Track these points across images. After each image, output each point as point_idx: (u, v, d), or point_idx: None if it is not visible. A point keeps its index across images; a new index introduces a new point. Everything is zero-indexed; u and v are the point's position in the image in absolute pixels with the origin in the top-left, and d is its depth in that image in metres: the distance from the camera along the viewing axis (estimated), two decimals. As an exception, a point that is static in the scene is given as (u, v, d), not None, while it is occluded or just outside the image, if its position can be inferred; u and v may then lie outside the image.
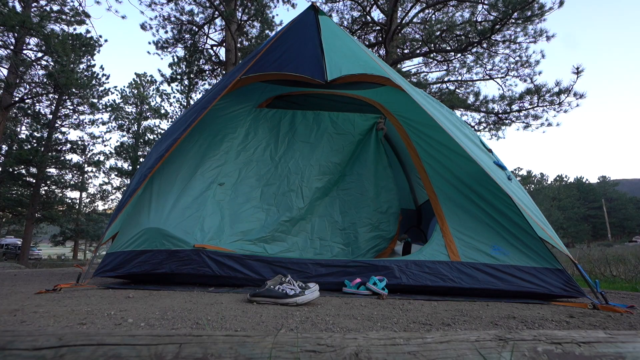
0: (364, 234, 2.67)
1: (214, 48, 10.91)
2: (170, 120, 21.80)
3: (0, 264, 6.91)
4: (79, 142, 20.53)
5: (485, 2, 8.36)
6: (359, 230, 2.69)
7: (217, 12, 9.37)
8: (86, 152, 21.63)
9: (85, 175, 23.63)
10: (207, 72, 11.58)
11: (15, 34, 11.38)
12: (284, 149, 2.86)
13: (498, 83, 9.71)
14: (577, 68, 7.24)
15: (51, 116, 18.58)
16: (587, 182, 54.75)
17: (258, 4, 9.68)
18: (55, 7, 12.90)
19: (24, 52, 12.69)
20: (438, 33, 8.93)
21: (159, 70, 24.17)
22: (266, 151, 2.84)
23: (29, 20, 10.14)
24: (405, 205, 4.17)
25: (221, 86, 2.41)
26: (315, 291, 1.55)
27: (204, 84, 12.42)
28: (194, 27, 10.38)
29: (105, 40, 16.81)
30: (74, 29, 14.47)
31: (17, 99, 13.93)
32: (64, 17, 12.94)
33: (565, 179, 55.61)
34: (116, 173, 23.87)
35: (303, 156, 2.87)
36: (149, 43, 10.58)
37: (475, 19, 8.94)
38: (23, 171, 17.71)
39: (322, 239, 2.64)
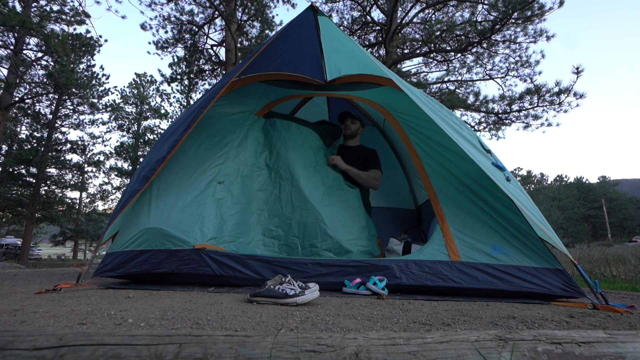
0: (355, 247, 2.63)
1: (214, 48, 10.92)
2: (170, 120, 21.82)
3: (0, 264, 6.91)
4: (79, 142, 20.56)
5: (485, 2, 8.37)
6: (351, 242, 2.64)
7: (217, 12, 9.38)
8: (86, 152, 21.65)
9: (85, 175, 23.64)
10: (207, 72, 11.59)
11: (15, 34, 11.39)
12: (275, 156, 2.85)
13: (498, 83, 9.72)
14: (577, 68, 7.24)
15: (51, 116, 18.60)
16: (587, 182, 54.81)
17: (258, 4, 9.68)
18: (55, 7, 12.91)
19: (24, 52, 12.69)
20: (438, 33, 8.93)
21: (159, 70, 24.15)
22: (262, 156, 2.83)
23: (29, 20, 10.15)
24: (405, 205, 4.18)
25: (219, 85, 2.41)
26: (315, 291, 1.55)
27: (204, 84, 12.43)
28: (194, 27, 10.39)
29: (105, 40, 16.83)
30: (74, 29, 14.48)
31: (17, 99, 13.93)
32: (64, 17, 12.94)
33: (565, 179, 55.69)
34: (116, 173, 23.88)
35: (296, 165, 2.85)
36: (149, 43, 10.58)
37: (475, 19, 8.94)
38: (23, 171, 17.72)
39: (313, 247, 2.61)
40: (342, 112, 3.23)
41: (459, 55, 9.57)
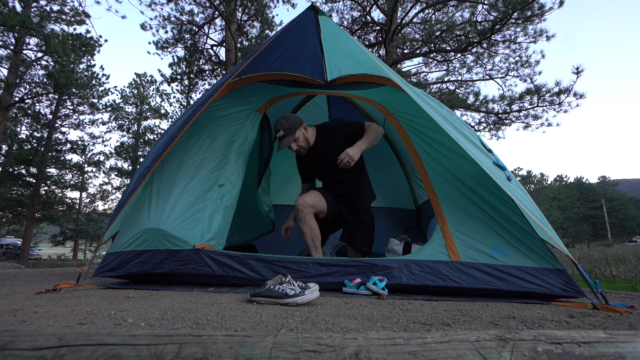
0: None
1: (214, 48, 10.93)
2: (170, 120, 21.83)
3: (0, 264, 6.91)
4: (79, 142, 20.58)
5: (485, 2, 8.37)
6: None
7: (217, 12, 9.38)
8: (86, 152, 21.67)
9: (85, 175, 23.65)
10: (207, 72, 11.60)
11: (15, 34, 11.39)
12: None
13: (498, 83, 9.72)
14: (577, 68, 7.24)
15: (51, 116, 18.61)
16: (587, 182, 54.81)
17: (258, 4, 9.69)
18: (55, 7, 12.92)
19: (24, 52, 12.70)
20: (438, 33, 8.93)
21: (159, 70, 24.17)
22: (262, 156, 2.84)
23: (29, 20, 10.15)
24: (405, 205, 4.18)
25: (218, 84, 2.41)
26: (315, 291, 1.55)
27: (204, 84, 12.45)
28: (194, 27, 10.39)
29: (105, 40, 16.84)
30: (74, 29, 14.50)
31: (17, 99, 13.93)
32: (64, 17, 12.95)
33: (565, 179, 55.72)
34: (116, 173, 23.89)
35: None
36: (149, 43, 10.59)
37: (475, 19, 8.95)
38: (23, 171, 17.73)
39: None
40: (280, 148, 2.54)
41: (459, 55, 9.57)
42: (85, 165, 22.55)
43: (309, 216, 2.35)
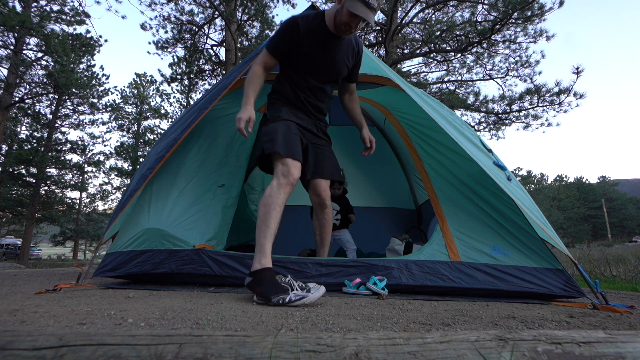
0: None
1: (214, 48, 10.94)
2: (170, 120, 21.84)
3: (0, 264, 6.91)
4: (79, 142, 20.61)
5: (485, 2, 8.37)
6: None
7: (217, 12, 9.39)
8: (86, 152, 21.69)
9: (85, 175, 23.67)
10: (207, 72, 11.60)
11: (15, 34, 11.40)
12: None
13: (498, 83, 9.73)
14: (577, 68, 7.25)
15: (51, 116, 18.62)
16: (587, 182, 54.87)
17: (258, 4, 9.69)
18: (55, 7, 12.93)
19: (24, 52, 12.71)
20: (438, 33, 8.94)
21: (159, 70, 24.14)
22: (254, 154, 2.84)
23: (29, 20, 10.15)
24: (405, 205, 4.18)
25: (221, 86, 2.41)
26: (320, 289, 1.54)
27: (204, 84, 12.45)
28: (194, 27, 10.40)
29: (105, 40, 16.87)
30: (74, 29, 14.52)
31: (17, 99, 13.95)
32: (64, 17, 12.96)
33: (565, 179, 55.76)
34: (116, 173, 23.92)
35: None
36: (149, 43, 10.59)
37: (475, 19, 8.95)
38: (23, 171, 17.74)
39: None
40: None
41: (459, 55, 9.58)
42: (85, 165, 22.57)
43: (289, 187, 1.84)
